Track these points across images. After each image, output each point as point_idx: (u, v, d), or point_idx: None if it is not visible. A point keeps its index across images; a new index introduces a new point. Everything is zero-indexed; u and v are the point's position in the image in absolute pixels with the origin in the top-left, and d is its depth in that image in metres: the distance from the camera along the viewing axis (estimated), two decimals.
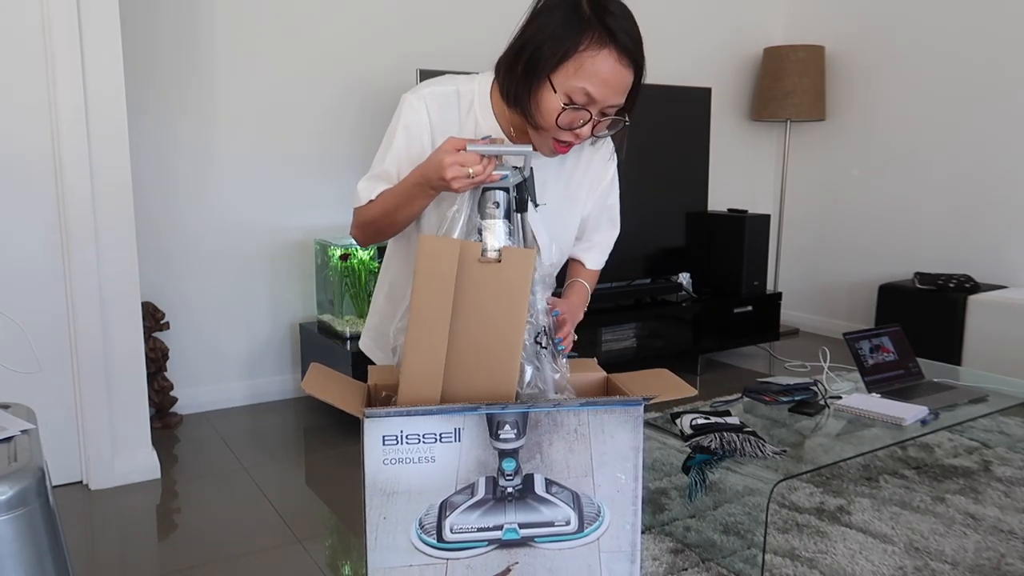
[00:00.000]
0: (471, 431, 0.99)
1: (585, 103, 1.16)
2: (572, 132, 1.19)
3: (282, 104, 3.33)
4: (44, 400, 2.47)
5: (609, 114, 1.19)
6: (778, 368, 4.02)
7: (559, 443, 1.02)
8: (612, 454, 1.04)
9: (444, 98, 1.29)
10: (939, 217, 4.14)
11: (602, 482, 1.04)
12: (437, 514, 1.00)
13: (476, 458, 1.00)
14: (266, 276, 3.42)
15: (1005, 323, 3.48)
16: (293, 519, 2.36)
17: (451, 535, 1.00)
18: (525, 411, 1.00)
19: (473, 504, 1.01)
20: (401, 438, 0.97)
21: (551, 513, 1.03)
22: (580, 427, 1.03)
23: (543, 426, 1.01)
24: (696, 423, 2.09)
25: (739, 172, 4.82)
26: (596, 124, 1.20)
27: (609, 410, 1.03)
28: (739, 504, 2.36)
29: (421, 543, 1.00)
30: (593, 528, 1.05)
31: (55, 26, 2.34)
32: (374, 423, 0.96)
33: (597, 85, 1.14)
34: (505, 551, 1.03)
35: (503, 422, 1.00)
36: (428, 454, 0.98)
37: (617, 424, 1.03)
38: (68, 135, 2.40)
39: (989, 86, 3.89)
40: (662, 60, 4.36)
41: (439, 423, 0.98)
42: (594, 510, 1.05)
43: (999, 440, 2.93)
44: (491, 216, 1.09)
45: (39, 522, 1.11)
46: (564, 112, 1.17)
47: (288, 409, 3.37)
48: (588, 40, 1.14)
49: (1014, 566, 2.03)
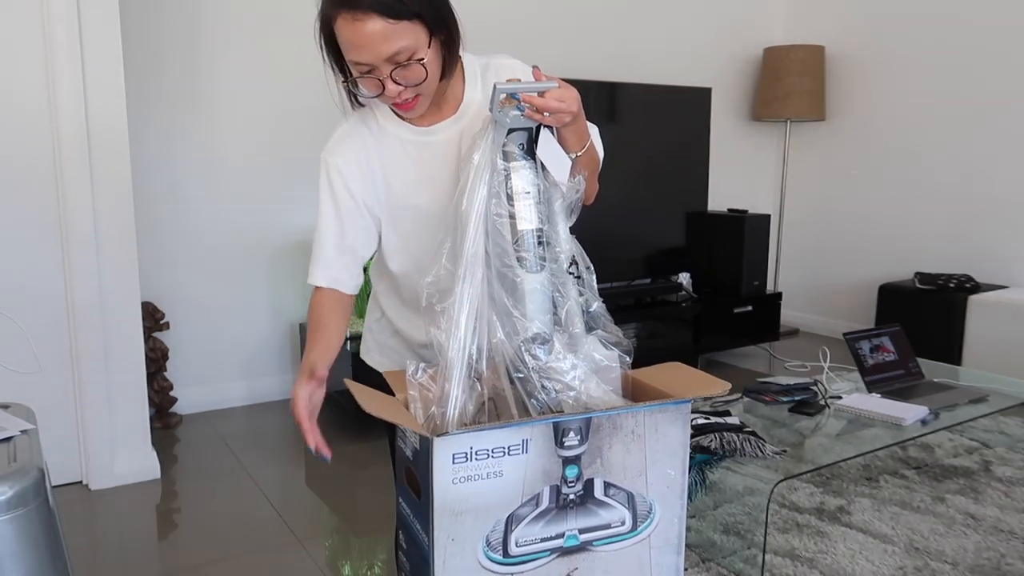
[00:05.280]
0: (538, 441, 0.99)
1: (368, 71, 1.13)
2: (385, 96, 1.16)
3: (282, 104, 3.33)
4: (44, 400, 2.47)
5: (400, 62, 1.11)
6: (778, 368, 4.02)
7: (618, 445, 1.04)
8: (663, 451, 1.06)
9: (350, 136, 1.28)
10: (939, 217, 4.14)
11: (654, 480, 1.07)
12: (503, 529, 0.99)
13: (541, 468, 1.00)
14: (266, 276, 3.42)
15: (1005, 323, 3.48)
16: (293, 519, 2.36)
17: (516, 549, 1.00)
18: (588, 417, 1.01)
19: (537, 515, 1.00)
20: (471, 455, 0.96)
21: (608, 515, 1.04)
22: (637, 428, 1.04)
23: (604, 430, 1.02)
24: (696, 423, 2.09)
25: (739, 172, 4.82)
26: (393, 78, 1.13)
27: (663, 409, 1.05)
28: (739, 504, 2.36)
29: (488, 560, 0.99)
30: (645, 525, 1.07)
31: (55, 27, 2.34)
32: (444, 442, 0.94)
33: (354, 52, 1.11)
34: (565, 558, 1.03)
35: (568, 429, 1.00)
36: (496, 468, 0.97)
37: (669, 422, 1.06)
38: (68, 135, 2.40)
39: (989, 86, 3.89)
40: (662, 60, 4.36)
41: (507, 436, 0.97)
42: (646, 508, 1.07)
43: (999, 440, 2.93)
44: (516, 159, 1.09)
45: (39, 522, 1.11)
46: (361, 85, 1.16)
47: (288, 409, 3.34)
48: (325, 19, 1.14)
49: (1014, 566, 2.03)
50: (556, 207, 1.12)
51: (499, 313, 1.07)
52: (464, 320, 1.06)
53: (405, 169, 1.27)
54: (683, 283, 4.00)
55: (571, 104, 1.08)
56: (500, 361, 1.07)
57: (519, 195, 1.07)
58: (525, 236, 1.08)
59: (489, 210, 1.07)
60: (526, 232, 1.08)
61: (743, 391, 2.51)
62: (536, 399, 1.07)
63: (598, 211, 1.55)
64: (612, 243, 3.73)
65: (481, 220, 1.07)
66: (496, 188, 1.07)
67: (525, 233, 1.08)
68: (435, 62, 1.15)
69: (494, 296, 1.07)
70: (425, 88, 1.16)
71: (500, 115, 1.07)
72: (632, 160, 3.79)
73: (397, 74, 1.12)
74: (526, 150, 1.10)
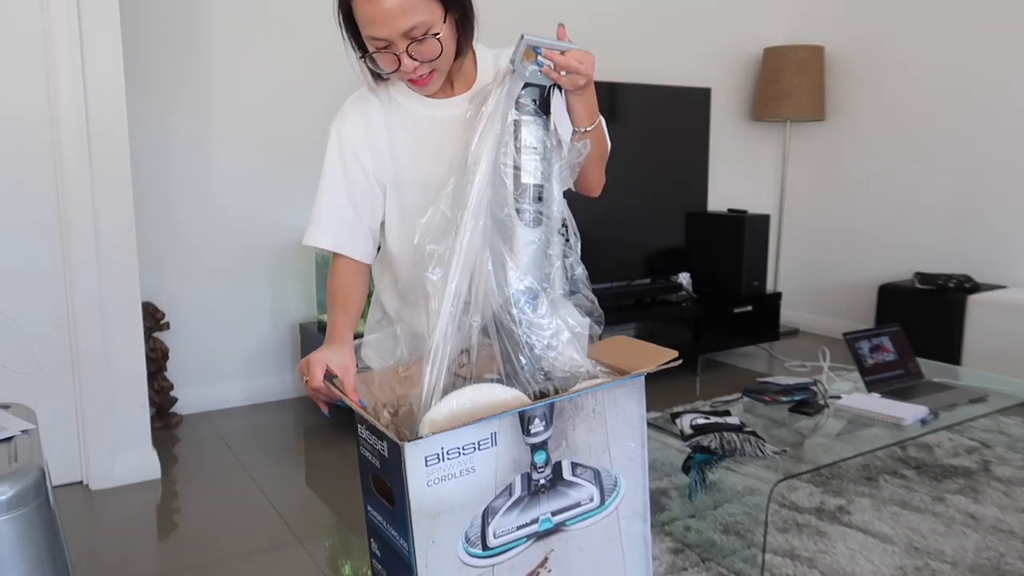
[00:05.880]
0: (506, 432, 1.00)
1: (385, 46, 1.16)
2: (401, 71, 1.19)
3: (282, 103, 3.33)
4: (44, 400, 2.47)
5: (416, 37, 1.14)
6: (778, 368, 4.02)
7: (581, 426, 1.06)
8: (623, 426, 1.09)
9: (357, 103, 1.32)
10: (939, 217, 4.14)
11: (617, 454, 1.09)
12: (481, 523, 1.00)
13: (511, 458, 1.01)
14: (266, 276, 3.42)
15: (1005, 323, 3.48)
16: (293, 519, 2.36)
17: (494, 540, 1.01)
18: (551, 402, 1.03)
19: (511, 504, 1.02)
20: (443, 455, 0.96)
21: (577, 494, 1.07)
22: (597, 406, 1.07)
23: (567, 412, 1.04)
24: (696, 423, 2.09)
25: (739, 172, 4.82)
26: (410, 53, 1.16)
27: (620, 385, 1.08)
28: (739, 504, 2.36)
29: (468, 556, 0.99)
30: (612, 499, 1.10)
31: (55, 26, 2.34)
32: (415, 446, 0.94)
33: (371, 27, 1.14)
34: (541, 542, 1.04)
35: (532, 416, 1.01)
36: (468, 465, 0.98)
37: (627, 397, 1.09)
38: (68, 135, 2.40)
39: (989, 86, 3.89)
40: (662, 60, 4.36)
41: (476, 432, 0.98)
42: (612, 481, 1.09)
43: (999, 440, 2.93)
44: (528, 112, 1.11)
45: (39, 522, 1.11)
46: (376, 62, 1.19)
47: (288, 409, 3.37)
48: None
49: (1014, 566, 2.03)
50: (555, 169, 1.14)
51: (493, 262, 1.07)
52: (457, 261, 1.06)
53: (413, 142, 1.29)
54: (683, 283, 4.00)
55: (588, 67, 1.11)
56: (487, 311, 1.08)
57: (527, 149, 1.09)
58: (527, 189, 1.10)
59: (497, 157, 1.09)
60: (529, 186, 1.10)
61: (743, 391, 2.51)
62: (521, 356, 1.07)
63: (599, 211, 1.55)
64: (612, 243, 3.73)
65: (489, 166, 1.08)
66: (506, 138, 1.09)
67: (528, 187, 1.10)
68: (450, 38, 1.18)
69: (491, 245, 1.08)
70: (440, 64, 1.19)
71: (520, 67, 1.10)
72: (632, 160, 3.79)
73: (413, 49, 1.15)
74: (538, 106, 1.12)
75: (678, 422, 2.13)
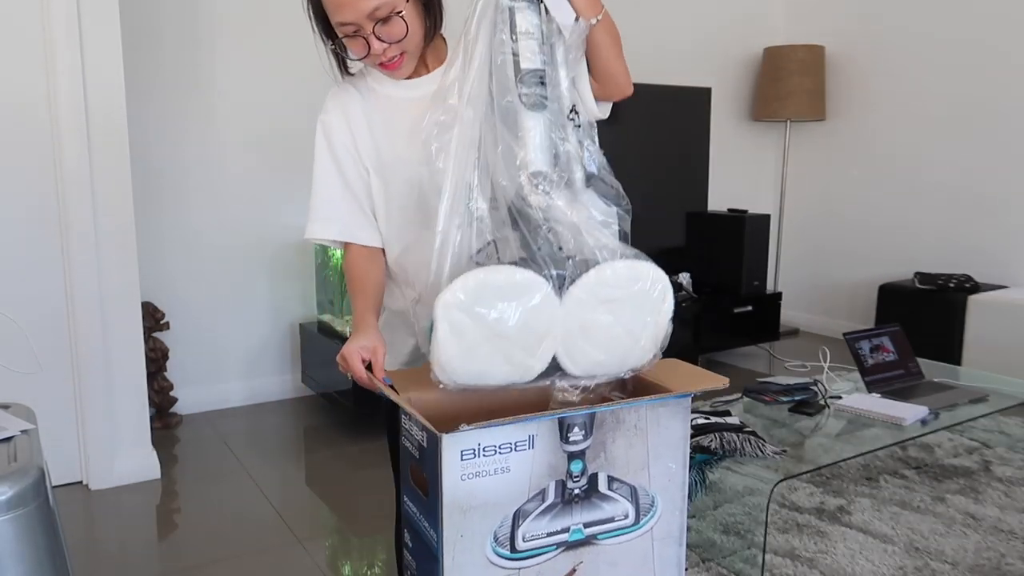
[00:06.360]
0: (544, 436, 1.00)
1: (354, 31, 1.19)
2: (371, 56, 1.22)
3: (283, 102, 3.33)
4: (44, 400, 2.47)
5: (380, 17, 1.17)
6: (778, 368, 4.02)
7: (621, 439, 1.05)
8: (665, 445, 1.08)
9: (336, 95, 1.35)
10: (939, 217, 4.14)
11: (656, 473, 1.08)
12: (511, 525, 1.00)
13: (547, 463, 1.01)
14: (266, 276, 3.42)
15: (1005, 323, 3.48)
16: (293, 519, 2.36)
17: (523, 544, 1.01)
18: (592, 412, 1.02)
19: (543, 510, 1.01)
20: (479, 451, 0.96)
21: (612, 509, 1.05)
22: (639, 422, 1.06)
23: (607, 424, 1.03)
24: (696, 423, 2.09)
25: (739, 172, 4.82)
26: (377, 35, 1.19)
27: (664, 403, 1.07)
28: (739, 504, 2.36)
29: (496, 556, 1.00)
30: (648, 518, 1.08)
31: (55, 25, 2.34)
32: (453, 439, 0.94)
33: (338, 12, 1.17)
34: (571, 552, 1.04)
35: (572, 424, 1.01)
36: (503, 464, 0.98)
37: (671, 416, 1.08)
38: (68, 135, 2.40)
39: (989, 86, 3.89)
40: (662, 60, 4.36)
41: (514, 432, 0.98)
42: (649, 501, 1.08)
43: (999, 440, 2.93)
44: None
45: (39, 522, 1.11)
46: (349, 49, 1.22)
47: (288, 409, 3.37)
48: None
49: (1014, 566, 2.03)
50: (559, 54, 1.14)
51: (502, 152, 1.07)
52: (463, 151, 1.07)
53: (392, 124, 1.29)
54: (683, 283, 4.00)
55: None
56: (502, 201, 1.07)
57: (522, 35, 1.09)
58: (527, 75, 1.09)
59: (494, 47, 1.09)
60: (528, 71, 1.10)
61: (743, 391, 2.51)
62: (538, 238, 1.06)
63: None
64: None
65: (486, 55, 1.09)
66: (501, 26, 1.09)
67: (527, 72, 1.10)
68: (415, 19, 1.21)
69: (497, 134, 1.08)
70: (408, 45, 1.21)
71: None
72: (632, 160, 3.78)
73: (380, 30, 1.18)
74: None
75: None
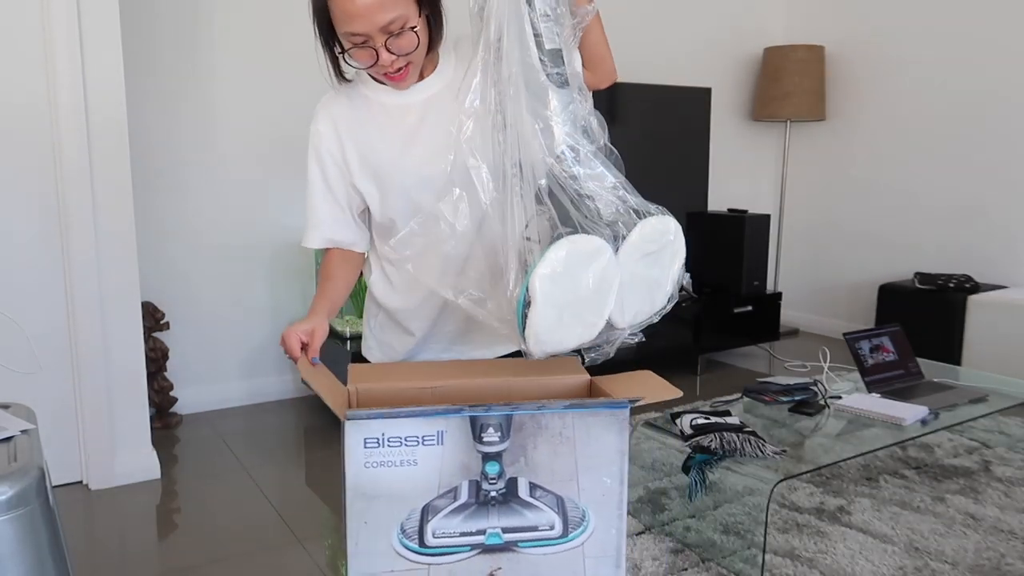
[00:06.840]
0: (454, 434, 0.98)
1: (362, 41, 1.17)
2: (378, 66, 1.21)
3: (282, 103, 3.33)
4: (44, 400, 2.47)
5: (394, 31, 1.16)
6: (778, 368, 4.02)
7: (544, 446, 1.00)
8: (598, 457, 1.02)
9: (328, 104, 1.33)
10: (939, 217, 4.14)
11: (587, 486, 1.03)
12: (419, 519, 0.98)
13: (459, 461, 0.98)
14: (266, 276, 3.42)
15: (1005, 323, 3.48)
16: (293, 519, 2.36)
17: (433, 540, 0.99)
18: (509, 413, 0.99)
19: (456, 508, 0.99)
20: (383, 441, 0.96)
21: (535, 517, 1.01)
22: (565, 430, 1.01)
23: (527, 429, 0.99)
24: (696, 423, 2.09)
25: (739, 172, 4.82)
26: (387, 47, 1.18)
27: (594, 412, 1.01)
28: (739, 504, 2.36)
29: (403, 548, 0.98)
30: (578, 533, 1.03)
31: (55, 25, 2.34)
32: (355, 425, 0.95)
33: (349, 23, 1.15)
34: (488, 556, 1.01)
35: (486, 425, 0.98)
36: (410, 457, 0.97)
37: (603, 427, 1.02)
38: (68, 135, 2.40)
39: (989, 85, 3.89)
40: (663, 60, 4.36)
41: (421, 426, 0.96)
42: (579, 514, 1.03)
43: (999, 440, 2.93)
44: None
45: (39, 522, 1.11)
46: (354, 57, 1.20)
47: (288, 409, 3.37)
48: None
49: (1014, 566, 2.03)
50: (568, 31, 1.17)
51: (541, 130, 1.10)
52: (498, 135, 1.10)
53: (388, 131, 1.30)
54: (683, 283, 4.00)
55: None
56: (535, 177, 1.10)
57: (542, 17, 1.12)
58: (552, 54, 1.13)
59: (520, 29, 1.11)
60: (552, 51, 1.13)
61: (743, 391, 2.51)
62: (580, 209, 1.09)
63: None
64: None
65: (516, 38, 1.10)
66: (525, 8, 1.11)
67: (552, 52, 1.13)
68: (425, 31, 1.21)
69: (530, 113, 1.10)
70: (415, 57, 1.22)
71: None
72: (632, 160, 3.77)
73: (391, 43, 1.17)
74: None
75: (678, 422, 2.13)
